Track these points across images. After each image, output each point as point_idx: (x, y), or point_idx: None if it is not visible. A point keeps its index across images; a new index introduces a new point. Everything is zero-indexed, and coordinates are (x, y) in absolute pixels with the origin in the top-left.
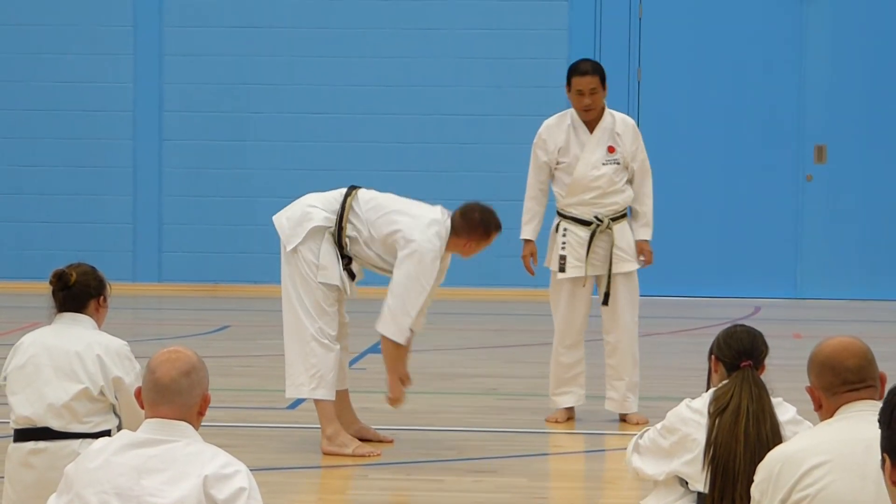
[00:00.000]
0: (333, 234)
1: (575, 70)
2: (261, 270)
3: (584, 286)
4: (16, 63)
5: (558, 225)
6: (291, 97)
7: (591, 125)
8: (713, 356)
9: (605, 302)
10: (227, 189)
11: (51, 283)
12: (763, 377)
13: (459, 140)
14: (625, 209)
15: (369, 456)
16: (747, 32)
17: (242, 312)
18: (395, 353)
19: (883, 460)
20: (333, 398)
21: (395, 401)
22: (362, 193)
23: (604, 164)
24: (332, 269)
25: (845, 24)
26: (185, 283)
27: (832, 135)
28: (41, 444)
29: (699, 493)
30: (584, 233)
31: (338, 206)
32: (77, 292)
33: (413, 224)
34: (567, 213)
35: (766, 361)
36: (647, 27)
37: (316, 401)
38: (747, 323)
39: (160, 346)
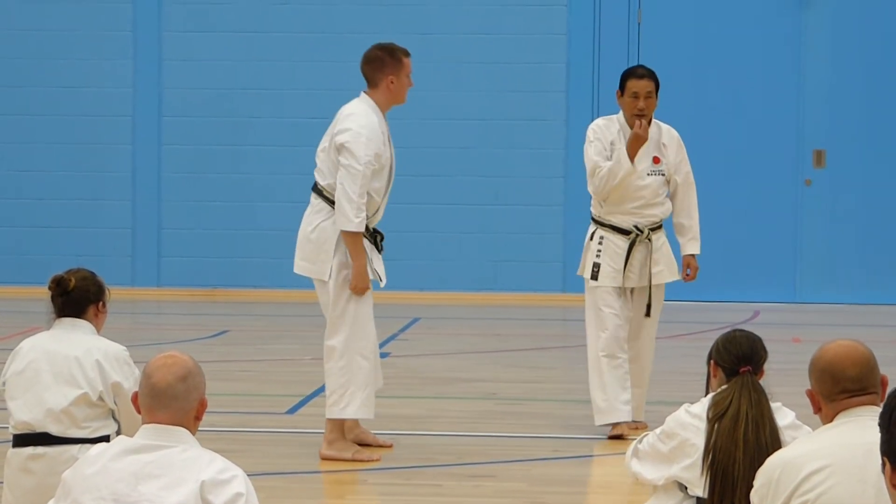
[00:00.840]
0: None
1: (631, 73)
2: (260, 275)
3: (623, 297)
4: (15, 67)
5: (594, 233)
6: (290, 102)
7: None
8: (712, 361)
9: (648, 313)
10: (226, 194)
11: (50, 288)
12: (762, 382)
13: (459, 144)
14: (661, 221)
15: (368, 461)
16: (746, 37)
17: (241, 317)
18: (352, 241)
19: (883, 464)
20: (369, 415)
21: (356, 288)
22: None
23: (649, 174)
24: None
25: (844, 29)
26: (184, 287)
27: (831, 139)
28: (40, 450)
29: (698, 498)
30: (622, 242)
31: (325, 203)
32: (76, 297)
33: (342, 125)
34: (605, 221)
35: (766, 366)
36: (646, 32)
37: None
38: (746, 327)
39: (159, 351)
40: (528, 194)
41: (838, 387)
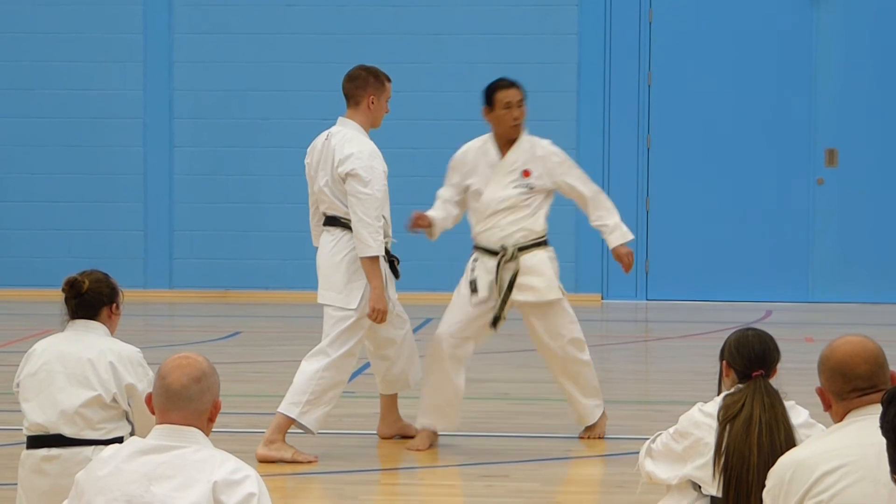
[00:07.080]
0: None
1: (498, 86)
2: (271, 277)
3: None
4: (26, 71)
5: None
6: (301, 103)
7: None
8: (724, 361)
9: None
10: (238, 195)
11: (63, 290)
12: (775, 380)
13: None
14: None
15: (307, 462)
16: (758, 35)
17: (253, 318)
18: (371, 266)
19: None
20: (316, 431)
21: (375, 311)
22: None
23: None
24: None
25: (856, 27)
26: (196, 289)
27: (843, 138)
28: (54, 451)
29: (712, 498)
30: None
31: (341, 231)
32: (90, 299)
33: (341, 153)
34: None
35: (778, 366)
36: (657, 31)
37: (291, 418)
38: (759, 327)
39: (171, 352)
40: None
41: (849, 385)
